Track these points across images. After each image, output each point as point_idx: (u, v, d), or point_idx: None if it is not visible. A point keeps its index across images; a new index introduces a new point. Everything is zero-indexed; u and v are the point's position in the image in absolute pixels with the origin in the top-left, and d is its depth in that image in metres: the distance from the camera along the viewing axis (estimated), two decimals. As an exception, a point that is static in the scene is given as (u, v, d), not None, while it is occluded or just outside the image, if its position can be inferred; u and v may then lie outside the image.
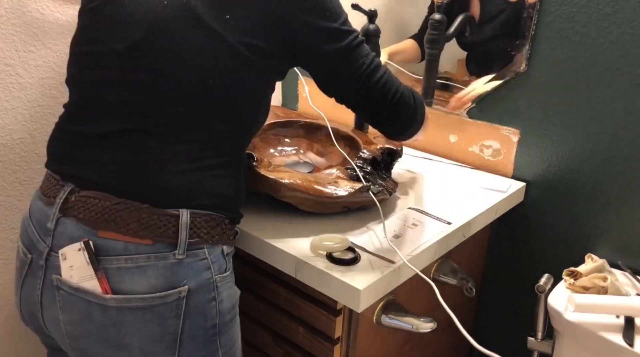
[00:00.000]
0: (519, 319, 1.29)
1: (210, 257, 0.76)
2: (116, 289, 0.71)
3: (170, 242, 0.72)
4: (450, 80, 1.27)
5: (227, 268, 0.80)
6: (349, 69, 0.81)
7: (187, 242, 0.73)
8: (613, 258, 1.10)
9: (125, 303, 0.71)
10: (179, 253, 0.72)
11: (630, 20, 0.99)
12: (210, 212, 0.76)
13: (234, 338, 0.84)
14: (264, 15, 0.74)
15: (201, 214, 0.75)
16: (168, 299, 0.72)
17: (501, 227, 1.25)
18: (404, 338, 1.03)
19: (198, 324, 0.75)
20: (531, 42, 1.11)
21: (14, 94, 1.07)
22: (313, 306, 0.89)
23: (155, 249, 0.71)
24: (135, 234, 0.71)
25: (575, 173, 1.12)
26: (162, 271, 0.72)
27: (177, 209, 0.73)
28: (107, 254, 0.71)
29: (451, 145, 1.30)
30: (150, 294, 0.71)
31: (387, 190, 0.99)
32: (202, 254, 0.75)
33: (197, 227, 0.74)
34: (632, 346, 0.88)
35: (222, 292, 0.78)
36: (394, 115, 0.87)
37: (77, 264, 0.71)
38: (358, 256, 0.85)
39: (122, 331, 0.72)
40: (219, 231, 0.77)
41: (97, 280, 0.70)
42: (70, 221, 0.73)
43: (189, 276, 0.73)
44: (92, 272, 0.70)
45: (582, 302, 0.92)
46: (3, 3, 1.01)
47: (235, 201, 0.81)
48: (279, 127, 1.21)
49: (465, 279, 0.99)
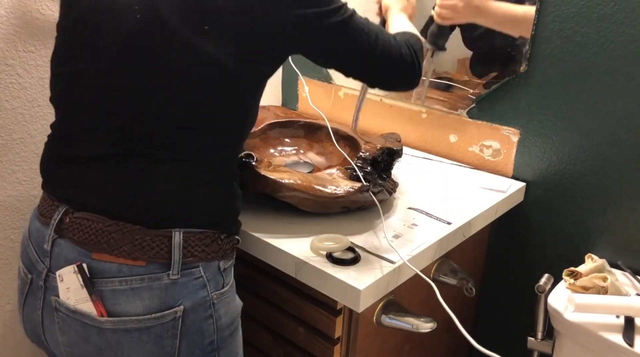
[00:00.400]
0: (519, 319, 1.29)
1: (206, 275, 0.75)
2: (111, 312, 0.71)
3: (164, 263, 0.71)
4: (451, 81, 1.27)
5: (224, 284, 0.78)
6: (349, 44, 0.79)
7: (180, 262, 0.72)
8: (613, 258, 1.10)
9: (121, 325, 0.71)
10: (173, 274, 0.72)
11: (630, 20, 0.99)
12: (204, 230, 0.75)
13: (234, 351, 0.83)
14: (249, 21, 0.71)
15: (195, 233, 0.74)
16: (163, 319, 0.72)
17: (501, 227, 1.25)
18: (404, 338, 1.03)
19: (195, 343, 0.75)
20: (531, 42, 1.11)
21: (14, 94, 1.07)
22: (313, 306, 0.89)
23: (149, 270, 0.71)
24: (128, 255, 0.70)
25: (575, 173, 1.12)
26: (157, 292, 0.71)
27: (170, 230, 0.72)
28: (102, 276, 0.70)
29: (451, 145, 1.30)
30: (146, 315, 0.71)
31: (387, 190, 0.99)
32: (197, 273, 0.74)
33: (191, 246, 0.73)
34: (632, 346, 0.88)
35: (219, 309, 0.77)
36: (403, 73, 0.86)
37: (73, 286, 0.71)
38: (358, 256, 0.85)
39: (119, 352, 0.72)
40: (214, 248, 0.76)
41: (92, 303, 0.70)
42: (65, 242, 0.73)
43: (184, 295, 0.72)
44: (87, 295, 0.70)
45: (582, 302, 0.92)
46: (3, 3, 1.01)
47: (229, 214, 0.80)
48: (279, 127, 1.21)
49: (465, 279, 0.99)
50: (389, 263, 0.84)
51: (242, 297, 1.01)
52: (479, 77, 1.21)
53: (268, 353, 1.01)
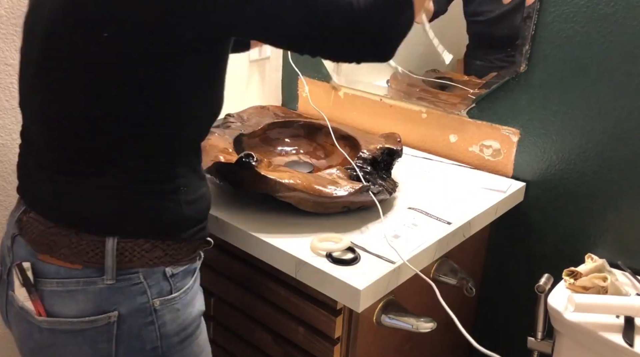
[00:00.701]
0: (519, 319, 1.29)
1: (147, 281, 0.73)
2: (50, 312, 0.71)
3: (99, 268, 0.71)
4: (451, 81, 1.27)
5: (173, 290, 0.75)
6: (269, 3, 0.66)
7: (114, 268, 0.71)
8: (613, 258, 1.10)
9: (57, 326, 0.71)
10: (108, 279, 0.71)
11: (630, 20, 0.99)
12: (144, 237, 0.73)
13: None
14: (160, 18, 0.63)
15: (131, 240, 0.72)
16: (97, 323, 0.71)
17: (501, 227, 1.25)
18: (404, 338, 1.03)
19: (134, 348, 0.73)
20: (531, 42, 1.11)
21: (14, 94, 1.07)
22: (313, 306, 0.89)
23: (85, 274, 0.71)
24: (66, 258, 0.70)
25: (575, 173, 1.12)
26: (92, 295, 0.71)
27: (104, 236, 0.71)
28: (44, 276, 0.71)
29: (451, 145, 1.30)
30: (79, 318, 0.71)
31: (387, 190, 0.99)
32: (137, 279, 0.72)
33: (128, 252, 0.71)
34: (632, 346, 0.88)
35: (163, 316, 0.75)
36: (359, 34, 0.70)
37: (17, 284, 0.73)
38: (358, 256, 0.85)
39: (57, 352, 0.72)
40: (157, 254, 0.73)
41: (31, 302, 0.71)
42: (22, 241, 0.74)
43: (119, 301, 0.71)
44: (26, 294, 0.71)
45: (582, 302, 0.92)
46: (3, 3, 1.01)
47: (175, 221, 0.75)
48: (279, 127, 1.21)
49: (465, 279, 0.99)
50: (389, 263, 0.84)
51: (243, 297, 1.01)
52: (475, 73, 1.22)
53: (268, 353, 1.00)
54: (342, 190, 0.92)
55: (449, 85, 1.27)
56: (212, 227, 0.97)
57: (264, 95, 1.58)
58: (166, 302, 0.75)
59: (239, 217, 0.95)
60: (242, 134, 1.13)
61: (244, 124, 1.18)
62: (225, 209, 0.97)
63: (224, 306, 1.06)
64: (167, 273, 0.75)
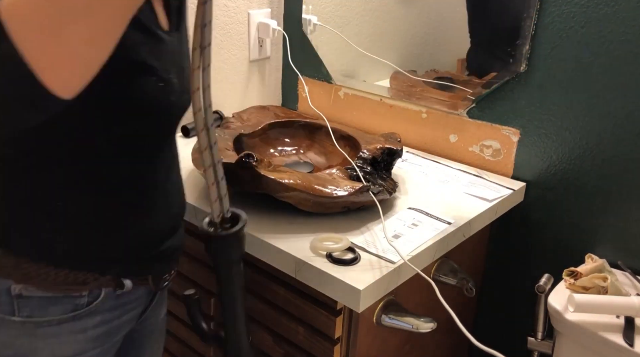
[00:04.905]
0: (519, 319, 1.29)
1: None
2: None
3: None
4: (451, 81, 1.27)
5: (14, 311, 0.65)
6: None
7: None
8: (613, 258, 1.10)
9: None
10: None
11: (630, 20, 0.99)
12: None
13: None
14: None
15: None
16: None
17: (501, 227, 1.25)
18: (404, 338, 1.03)
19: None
20: (531, 42, 1.11)
21: (13, 94, 1.07)
22: (313, 306, 0.89)
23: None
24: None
25: (575, 173, 1.12)
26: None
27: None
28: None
29: (451, 145, 1.30)
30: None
31: (387, 190, 0.99)
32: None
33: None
34: (632, 346, 0.88)
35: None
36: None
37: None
38: (358, 256, 0.85)
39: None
40: (5, 264, 0.64)
41: None
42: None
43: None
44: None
45: (582, 302, 0.92)
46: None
47: (35, 237, 0.64)
48: (279, 127, 1.21)
49: (465, 279, 0.99)
50: (389, 263, 0.84)
51: (242, 297, 1.01)
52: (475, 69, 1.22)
53: (268, 353, 1.01)
54: (342, 190, 0.92)
55: (449, 85, 1.27)
56: (212, 227, 0.97)
57: (264, 95, 1.58)
58: (1, 321, 0.65)
59: (239, 217, 0.95)
60: (242, 134, 1.13)
61: (244, 124, 1.18)
62: (225, 209, 0.97)
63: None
64: (12, 291, 0.65)
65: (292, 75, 1.58)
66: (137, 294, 0.76)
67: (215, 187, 0.59)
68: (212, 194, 0.59)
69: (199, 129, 0.55)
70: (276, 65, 1.59)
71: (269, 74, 1.57)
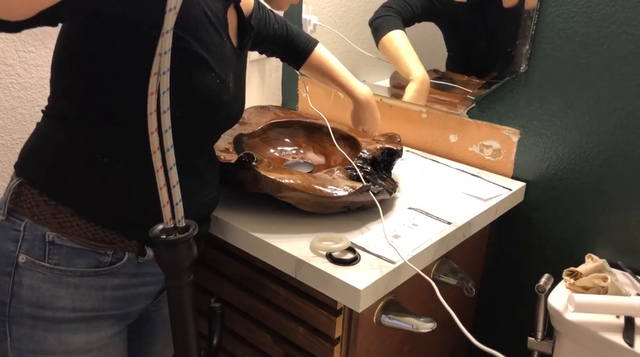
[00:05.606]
0: (519, 319, 1.29)
1: (25, 233, 0.72)
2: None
3: (2, 201, 0.75)
4: (451, 81, 1.27)
5: (45, 256, 0.72)
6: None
7: (7, 205, 0.73)
8: (613, 258, 1.10)
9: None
10: (1, 213, 0.74)
11: (630, 20, 0.99)
12: (38, 190, 0.72)
13: (36, 350, 0.74)
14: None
15: (30, 188, 0.72)
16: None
17: (501, 227, 1.25)
18: (404, 338, 1.03)
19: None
20: (531, 42, 1.11)
21: (14, 94, 1.07)
22: (313, 306, 0.89)
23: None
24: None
25: (575, 173, 1.12)
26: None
27: (16, 175, 0.74)
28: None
29: (451, 145, 1.30)
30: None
31: (387, 190, 0.99)
32: (19, 226, 0.72)
33: (22, 198, 0.72)
34: (632, 346, 0.88)
35: (23, 274, 0.72)
36: None
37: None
38: (358, 256, 0.85)
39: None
40: (45, 211, 0.71)
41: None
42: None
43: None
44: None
45: (582, 302, 0.92)
46: (3, 3, 1.01)
47: (66, 180, 0.72)
48: (279, 127, 1.21)
49: (465, 279, 0.99)
50: (389, 263, 0.84)
51: (243, 298, 1.01)
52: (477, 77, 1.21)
53: (268, 353, 1.00)
54: (342, 190, 0.92)
55: (449, 85, 1.27)
56: (213, 227, 0.97)
57: (264, 95, 1.58)
58: (32, 264, 0.72)
59: (239, 217, 0.95)
60: (242, 134, 1.13)
61: (243, 124, 1.18)
62: (225, 209, 0.97)
63: (223, 306, 1.06)
64: (47, 237, 0.72)
65: (292, 75, 1.58)
66: (156, 270, 0.81)
67: (166, 191, 0.58)
68: (163, 198, 0.58)
69: (151, 131, 0.55)
70: (276, 65, 1.59)
71: (269, 74, 1.57)
